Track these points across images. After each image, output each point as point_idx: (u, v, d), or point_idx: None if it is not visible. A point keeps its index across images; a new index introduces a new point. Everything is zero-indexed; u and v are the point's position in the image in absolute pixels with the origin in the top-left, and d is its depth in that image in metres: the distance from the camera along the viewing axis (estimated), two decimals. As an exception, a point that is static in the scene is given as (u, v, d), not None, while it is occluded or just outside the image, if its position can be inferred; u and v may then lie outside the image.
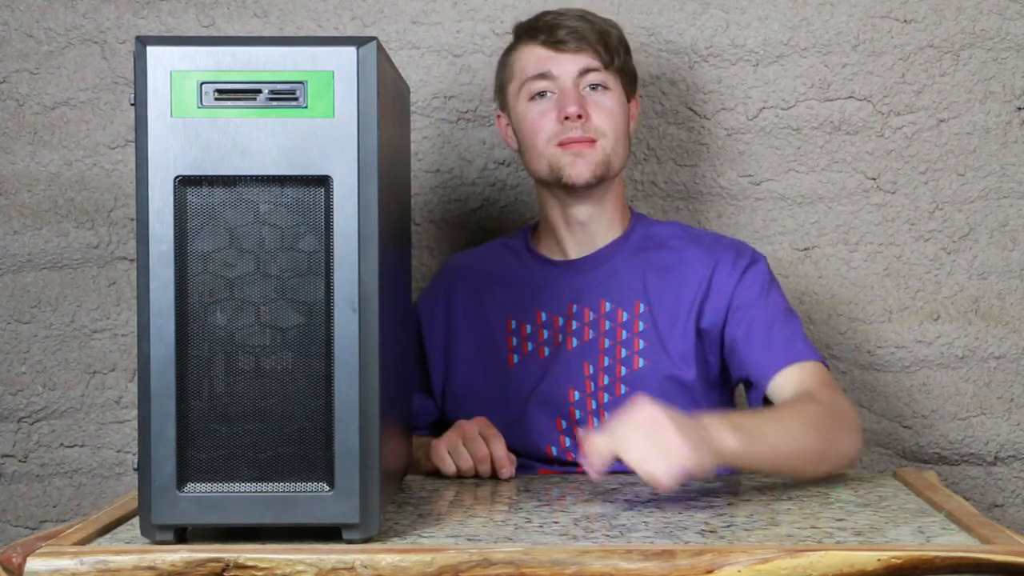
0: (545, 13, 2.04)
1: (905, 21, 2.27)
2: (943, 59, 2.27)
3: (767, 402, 1.94)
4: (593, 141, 1.97)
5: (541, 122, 1.98)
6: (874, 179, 2.28)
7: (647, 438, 1.58)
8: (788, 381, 1.91)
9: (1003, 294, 2.29)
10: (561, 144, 1.97)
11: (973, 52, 2.27)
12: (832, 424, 1.80)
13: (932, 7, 2.26)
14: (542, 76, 1.99)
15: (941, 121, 2.28)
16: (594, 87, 1.99)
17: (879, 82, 2.27)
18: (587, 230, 2.04)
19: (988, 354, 2.29)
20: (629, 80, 2.05)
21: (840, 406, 1.85)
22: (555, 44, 1.98)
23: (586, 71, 1.98)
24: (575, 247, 2.05)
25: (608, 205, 2.04)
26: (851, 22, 2.27)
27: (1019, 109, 2.28)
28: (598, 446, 1.61)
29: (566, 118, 1.96)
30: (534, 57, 2.00)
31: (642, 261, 2.03)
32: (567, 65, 1.98)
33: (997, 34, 2.27)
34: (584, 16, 2.01)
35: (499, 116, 2.09)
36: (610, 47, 2.00)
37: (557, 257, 2.07)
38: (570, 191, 2.00)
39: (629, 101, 2.05)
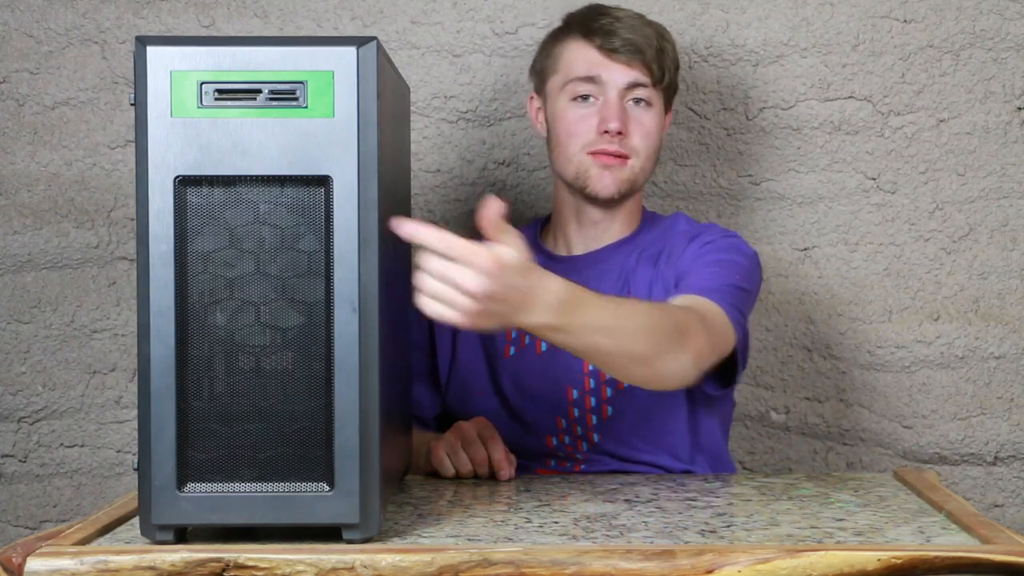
0: (601, 11, 2.01)
1: (905, 21, 2.27)
2: (943, 59, 2.27)
3: None
4: (626, 158, 1.97)
5: (579, 127, 1.97)
6: (874, 179, 2.28)
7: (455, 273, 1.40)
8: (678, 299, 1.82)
9: (1003, 294, 2.29)
10: (593, 153, 1.97)
11: (973, 52, 2.27)
12: (670, 334, 1.65)
13: (932, 7, 2.26)
14: (590, 80, 1.97)
15: (941, 121, 2.28)
16: (637, 101, 1.97)
17: (879, 82, 2.27)
18: (597, 229, 2.04)
19: (988, 354, 2.29)
20: (671, 95, 2.04)
21: (688, 325, 1.69)
22: (609, 51, 1.96)
23: (634, 85, 1.97)
24: (581, 244, 2.06)
25: (624, 210, 2.04)
26: (851, 22, 2.27)
27: (1019, 109, 2.28)
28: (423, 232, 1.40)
29: (605, 131, 1.95)
30: (585, 58, 1.98)
31: (644, 258, 2.02)
32: (617, 75, 1.96)
33: (997, 34, 2.27)
34: (641, 27, 1.98)
35: (532, 98, 2.08)
36: (664, 64, 1.98)
37: (561, 252, 2.07)
38: (590, 199, 2.00)
39: (666, 114, 2.04)
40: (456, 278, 1.39)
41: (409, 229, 1.40)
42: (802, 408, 2.30)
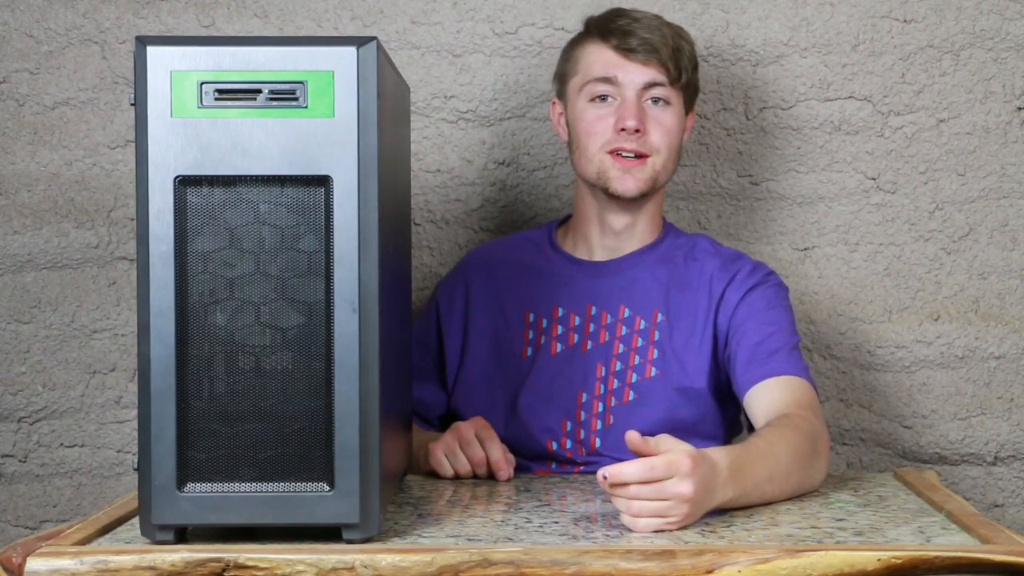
0: (620, 13, 2.02)
1: (905, 21, 2.27)
2: (943, 59, 2.27)
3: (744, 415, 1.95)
4: (645, 157, 1.97)
5: (597, 126, 1.98)
6: (874, 179, 2.28)
7: (661, 504, 1.53)
8: (764, 394, 1.89)
9: (1003, 294, 2.29)
10: (613, 152, 1.97)
11: (973, 52, 2.27)
12: (809, 453, 1.76)
13: (932, 7, 2.26)
14: (607, 80, 1.98)
15: (941, 121, 2.28)
16: (656, 100, 1.98)
17: (879, 82, 2.27)
18: (619, 236, 2.05)
19: (988, 354, 2.28)
20: (691, 95, 2.05)
21: (816, 432, 1.80)
22: (626, 51, 1.97)
23: (651, 85, 1.98)
24: (602, 249, 2.06)
25: (645, 215, 2.05)
26: (851, 22, 2.27)
27: (1019, 109, 2.28)
28: (636, 468, 1.53)
29: (623, 130, 1.96)
30: (602, 59, 1.99)
31: (666, 272, 2.03)
32: (634, 75, 1.97)
33: (997, 34, 2.27)
34: (659, 27, 2.00)
35: (554, 103, 2.09)
36: (680, 64, 1.99)
37: (582, 256, 2.07)
38: (613, 199, 2.00)
39: (687, 114, 2.05)
40: (671, 491, 1.52)
41: (613, 476, 1.52)
42: (802, 408, 2.30)
